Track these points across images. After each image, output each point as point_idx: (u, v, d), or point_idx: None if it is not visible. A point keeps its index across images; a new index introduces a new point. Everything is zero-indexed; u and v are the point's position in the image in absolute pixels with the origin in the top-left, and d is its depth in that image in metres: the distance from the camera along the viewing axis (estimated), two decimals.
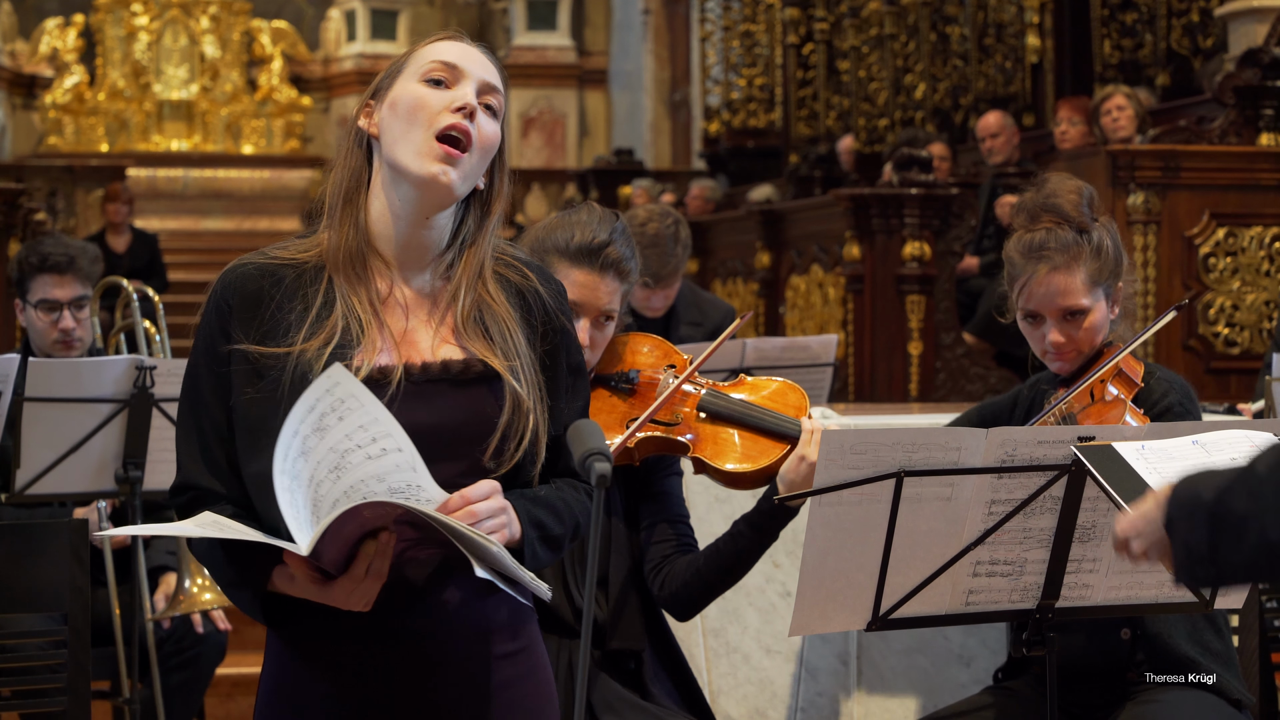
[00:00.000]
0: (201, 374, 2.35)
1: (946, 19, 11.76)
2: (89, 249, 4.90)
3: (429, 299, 2.39)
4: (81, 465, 4.31)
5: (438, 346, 2.35)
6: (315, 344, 2.29)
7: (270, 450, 2.18)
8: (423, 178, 2.32)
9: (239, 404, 2.30)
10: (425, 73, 2.37)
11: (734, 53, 14.85)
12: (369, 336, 2.32)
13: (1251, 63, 7.05)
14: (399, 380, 2.29)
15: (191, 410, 2.36)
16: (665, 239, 5.46)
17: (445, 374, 2.33)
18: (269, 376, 2.29)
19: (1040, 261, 3.28)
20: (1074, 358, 3.31)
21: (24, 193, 7.93)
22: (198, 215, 16.84)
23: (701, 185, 12.92)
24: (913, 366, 7.98)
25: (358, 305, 2.33)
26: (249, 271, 2.36)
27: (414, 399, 2.30)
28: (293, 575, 2.23)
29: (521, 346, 2.38)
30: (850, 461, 2.70)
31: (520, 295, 2.42)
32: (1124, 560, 2.26)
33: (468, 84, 2.36)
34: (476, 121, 2.35)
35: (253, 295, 2.34)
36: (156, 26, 17.66)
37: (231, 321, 2.33)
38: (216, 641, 4.79)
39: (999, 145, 9.00)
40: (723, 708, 4.10)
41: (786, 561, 4.11)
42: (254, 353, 2.30)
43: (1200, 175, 6.71)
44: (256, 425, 2.28)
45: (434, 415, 2.29)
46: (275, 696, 2.38)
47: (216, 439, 2.33)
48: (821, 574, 2.76)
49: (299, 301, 2.33)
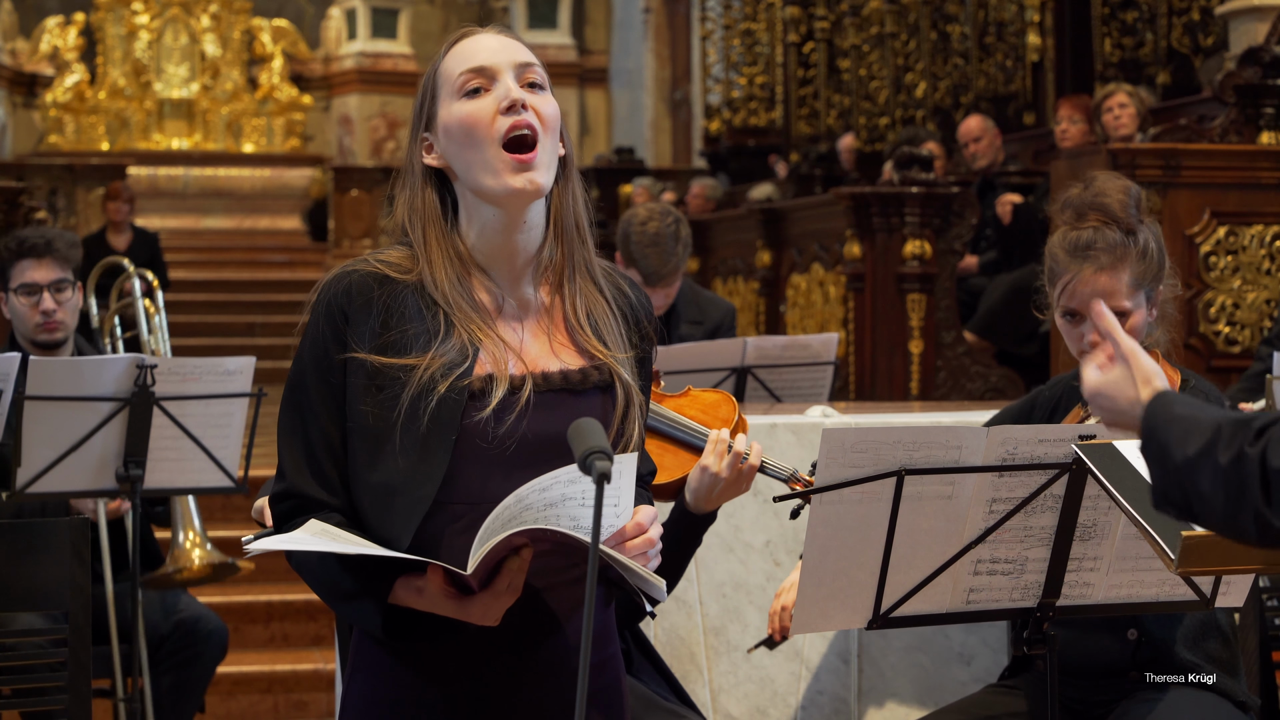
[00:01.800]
0: (310, 382, 2.31)
1: (947, 17, 11.76)
2: (66, 234, 4.90)
3: (537, 306, 2.37)
4: (82, 464, 4.31)
5: (554, 354, 2.34)
6: (440, 359, 2.26)
7: (390, 461, 2.20)
8: (509, 193, 2.29)
9: (359, 415, 2.27)
10: (460, 88, 2.33)
11: (735, 51, 14.84)
12: (490, 350, 2.29)
13: (1252, 61, 7.04)
14: (530, 392, 2.28)
15: (298, 418, 2.31)
16: (666, 237, 5.46)
17: (566, 384, 2.31)
18: (391, 389, 2.26)
19: (1086, 261, 3.24)
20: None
21: (25, 191, 7.92)
22: (198, 214, 16.84)
23: (702, 184, 12.92)
24: (913, 365, 7.98)
25: (474, 326, 2.30)
26: (363, 279, 2.31)
27: (538, 409, 2.28)
28: (420, 589, 2.20)
29: (627, 343, 2.38)
30: (851, 460, 2.70)
31: (619, 299, 2.42)
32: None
33: (505, 77, 2.33)
34: (532, 106, 2.31)
35: (367, 304, 2.29)
36: (157, 25, 17.66)
37: (348, 331, 2.29)
38: (218, 640, 4.80)
39: (982, 149, 8.98)
40: (723, 706, 4.10)
41: (787, 560, 4.11)
42: (375, 364, 2.27)
43: (1201, 174, 6.70)
44: (378, 437, 2.25)
45: (558, 425, 2.25)
46: (374, 714, 2.35)
47: (325, 448, 2.30)
48: (822, 572, 2.76)
49: (417, 316, 2.30)
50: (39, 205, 9.27)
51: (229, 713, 6.14)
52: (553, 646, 2.32)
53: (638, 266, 5.53)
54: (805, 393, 5.43)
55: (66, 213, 12.71)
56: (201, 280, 14.32)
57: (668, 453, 3.05)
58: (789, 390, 5.44)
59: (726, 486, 2.98)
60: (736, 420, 3.07)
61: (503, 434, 2.26)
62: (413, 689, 2.32)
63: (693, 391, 3.16)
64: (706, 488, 2.98)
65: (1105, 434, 2.67)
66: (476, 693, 2.31)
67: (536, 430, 2.24)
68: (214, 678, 4.92)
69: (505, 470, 2.27)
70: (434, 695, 2.31)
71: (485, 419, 2.25)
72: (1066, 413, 3.40)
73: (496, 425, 2.26)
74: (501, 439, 2.26)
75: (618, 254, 5.64)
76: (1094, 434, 2.69)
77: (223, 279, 14.96)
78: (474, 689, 2.30)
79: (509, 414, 2.26)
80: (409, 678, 2.32)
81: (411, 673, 2.32)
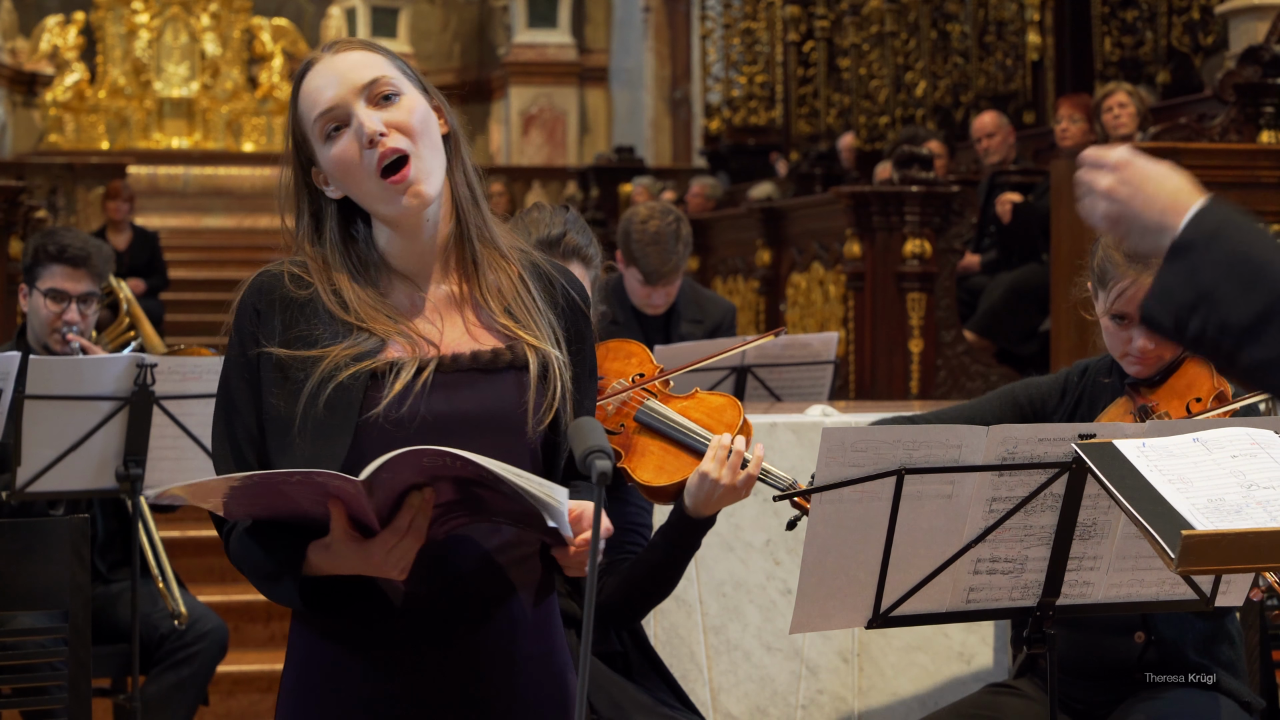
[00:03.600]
0: (232, 379, 2.37)
1: (947, 16, 11.76)
2: (105, 248, 4.90)
3: (451, 297, 2.40)
4: (82, 463, 4.31)
5: (466, 336, 2.37)
6: (343, 347, 2.30)
7: (299, 448, 2.25)
8: (399, 214, 2.34)
9: (270, 406, 2.32)
10: (321, 133, 2.36)
11: (734, 50, 14.84)
12: (398, 337, 2.33)
13: (1252, 60, 7.04)
14: (429, 374, 2.30)
15: (225, 414, 2.37)
16: (667, 236, 5.46)
17: (475, 363, 2.34)
18: (298, 378, 2.30)
19: (1147, 269, 3.27)
20: (1155, 364, 3.33)
21: (25, 190, 7.92)
22: (198, 213, 16.83)
23: (702, 183, 12.92)
24: (913, 364, 7.98)
25: (386, 327, 2.34)
26: (276, 277, 2.37)
27: (444, 390, 2.31)
28: (328, 544, 2.22)
29: (549, 323, 2.39)
30: (851, 459, 2.70)
31: (548, 291, 2.43)
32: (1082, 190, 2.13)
33: (356, 109, 2.34)
34: (390, 121, 2.33)
35: (280, 300, 2.35)
36: (157, 24, 17.66)
37: (260, 327, 2.34)
38: (217, 638, 4.80)
39: (995, 145, 8.99)
40: (723, 705, 4.10)
41: (787, 559, 4.11)
42: (282, 357, 2.32)
43: (1201, 173, 6.62)
44: (286, 425, 2.30)
45: (464, 405, 2.31)
46: (302, 690, 2.38)
47: (248, 442, 2.34)
48: (822, 571, 2.76)
49: (327, 316, 2.34)
50: (39, 204, 9.28)
51: (229, 711, 6.14)
52: (491, 632, 2.33)
53: (638, 265, 5.53)
54: (805, 392, 5.44)
55: (66, 212, 12.71)
56: (201, 279, 14.31)
57: (669, 455, 3.05)
58: (789, 389, 5.44)
59: (726, 492, 2.98)
60: (740, 426, 3.07)
61: (404, 416, 2.28)
62: (344, 675, 2.33)
63: (699, 394, 3.16)
64: (706, 493, 2.98)
65: (1105, 434, 2.67)
66: (410, 681, 2.32)
67: (440, 410, 2.27)
68: (214, 677, 4.91)
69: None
70: (371, 688, 2.32)
71: (386, 401, 2.28)
72: (1097, 408, 3.40)
73: (398, 408, 2.28)
74: (403, 421, 2.28)
75: (618, 252, 5.64)
76: (1094, 433, 2.69)
77: (223, 278, 14.91)
78: (409, 677, 2.32)
79: (410, 396, 2.29)
80: (329, 661, 2.34)
81: (332, 655, 2.34)
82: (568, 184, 16.02)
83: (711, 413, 3.11)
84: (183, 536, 6.38)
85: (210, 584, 6.36)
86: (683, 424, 3.07)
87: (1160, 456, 2.52)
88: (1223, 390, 3.27)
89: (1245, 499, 2.34)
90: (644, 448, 3.08)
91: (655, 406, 3.10)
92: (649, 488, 3.05)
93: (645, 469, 3.05)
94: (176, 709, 4.73)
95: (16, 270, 7.28)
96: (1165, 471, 2.48)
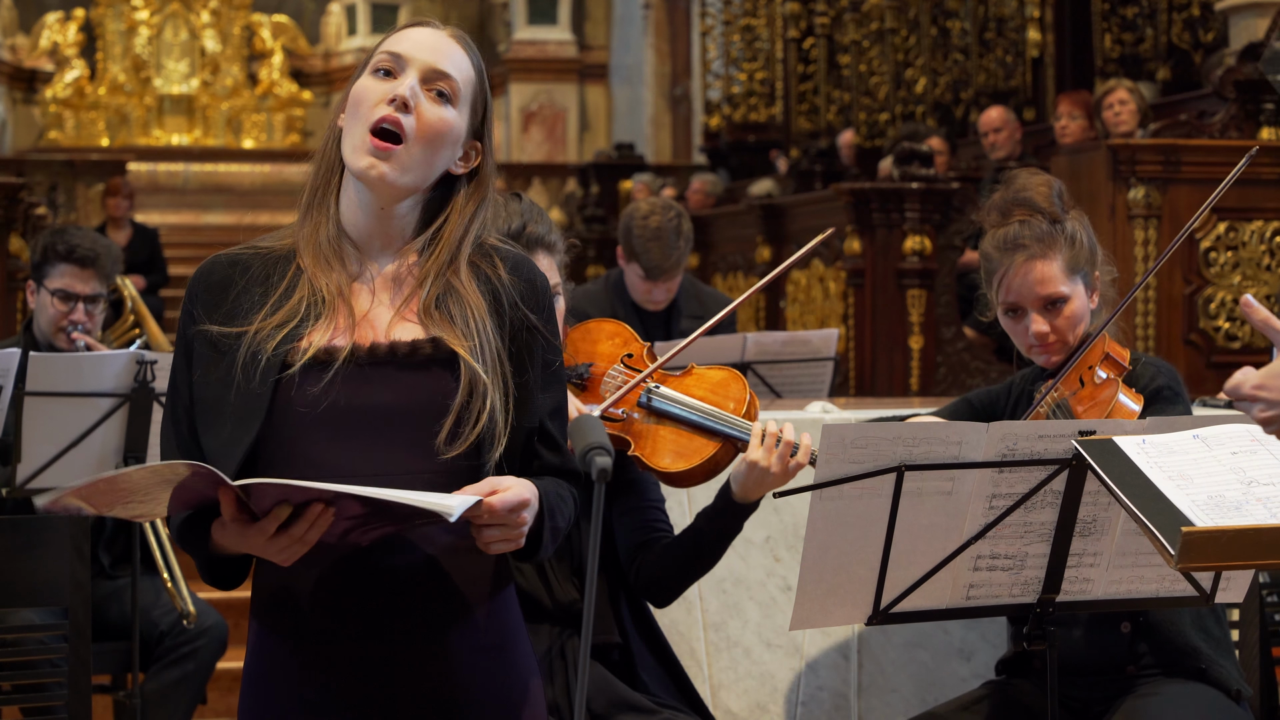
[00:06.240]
0: (177, 364, 2.40)
1: (947, 13, 11.75)
2: (113, 248, 4.91)
3: (395, 283, 2.40)
4: (82, 459, 4.31)
5: (393, 328, 2.36)
6: (271, 323, 2.32)
7: (222, 428, 2.28)
8: (357, 171, 2.36)
9: (200, 386, 2.35)
10: (374, 64, 2.40)
11: (734, 47, 14.83)
12: (326, 317, 2.34)
13: (1252, 57, 7.04)
14: (343, 361, 2.31)
15: (170, 399, 2.41)
16: (668, 232, 5.46)
17: (392, 356, 2.33)
18: (228, 357, 2.32)
19: (1016, 252, 3.30)
20: (1059, 348, 3.31)
21: (25, 187, 7.91)
22: (198, 210, 16.83)
23: (702, 179, 12.91)
24: (913, 361, 7.98)
25: (323, 288, 2.36)
26: (219, 262, 2.41)
27: (359, 381, 2.31)
28: (223, 523, 2.24)
29: (486, 332, 2.36)
30: (851, 456, 2.70)
31: (489, 284, 2.41)
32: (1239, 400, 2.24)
33: (410, 73, 2.37)
34: (417, 110, 2.35)
35: (218, 283, 2.38)
36: (157, 21, 17.66)
37: (196, 308, 2.37)
38: (217, 635, 4.80)
39: (1001, 140, 8.99)
40: (723, 702, 4.10)
41: (787, 556, 4.11)
42: (214, 333, 2.34)
43: (1201, 170, 6.70)
44: (211, 404, 2.32)
45: (378, 397, 2.31)
46: (255, 689, 2.40)
47: (187, 421, 2.37)
48: (822, 568, 2.76)
49: (262, 286, 2.37)
50: (39, 201, 9.27)
51: (229, 708, 6.14)
52: (435, 626, 2.33)
53: (639, 261, 5.53)
54: (805, 388, 5.43)
55: (66, 209, 12.69)
56: None
57: (683, 438, 3.04)
58: (789, 386, 5.44)
59: (775, 480, 3.00)
60: (748, 400, 3.07)
61: (316, 403, 2.29)
62: (285, 670, 2.36)
63: (697, 370, 3.14)
64: (755, 481, 3.00)
65: (1104, 430, 2.67)
66: (350, 675, 2.33)
67: (353, 401, 2.29)
68: (214, 673, 4.92)
69: (326, 441, 2.30)
70: (310, 683, 2.34)
71: (296, 388, 2.29)
72: (1020, 407, 3.41)
73: (309, 394, 2.29)
74: (316, 408, 2.29)
75: (619, 248, 5.64)
76: (1094, 429, 2.69)
77: None
78: (349, 671, 2.33)
79: (321, 384, 2.29)
80: (276, 659, 2.37)
81: (278, 654, 2.36)
82: (568, 181, 16.00)
83: (715, 388, 3.09)
84: None
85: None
86: (693, 404, 3.06)
87: (1160, 453, 2.52)
88: (1110, 353, 3.25)
89: (1245, 496, 2.34)
90: (655, 433, 3.07)
91: (662, 390, 3.09)
92: (670, 474, 3.04)
93: (661, 455, 3.04)
94: (176, 706, 4.73)
95: (16, 267, 7.28)
96: (1165, 468, 2.48)
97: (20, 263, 7.22)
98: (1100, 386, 3.18)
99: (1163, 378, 3.29)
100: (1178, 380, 3.32)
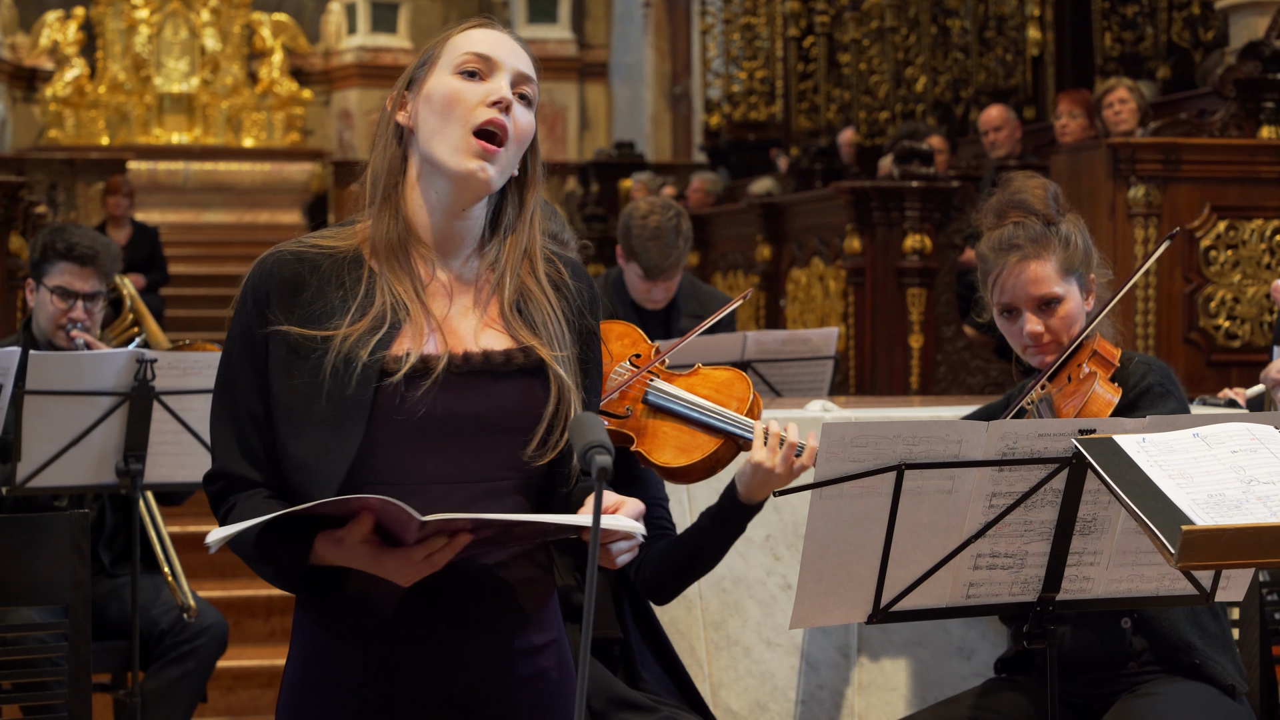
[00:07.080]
0: (236, 361, 2.36)
1: (947, 12, 11.76)
2: (113, 247, 4.90)
3: (471, 285, 2.39)
4: (82, 458, 4.31)
5: (480, 334, 2.36)
6: (359, 329, 2.29)
7: (315, 435, 2.23)
8: (461, 173, 2.33)
9: (281, 389, 2.30)
10: (459, 64, 2.37)
11: (734, 46, 14.84)
12: (414, 322, 2.32)
13: (1252, 55, 7.04)
14: (441, 370, 2.30)
15: (228, 398, 2.36)
16: (667, 231, 5.46)
17: (487, 365, 2.33)
18: (311, 360, 2.29)
19: (1011, 252, 3.32)
20: (1053, 349, 3.32)
21: (25, 186, 7.90)
22: (198, 208, 16.82)
23: (702, 178, 12.91)
24: (913, 359, 7.98)
25: (402, 292, 2.33)
26: (285, 258, 2.36)
27: (455, 389, 2.30)
28: (340, 539, 2.21)
29: (565, 339, 2.38)
30: (851, 454, 2.70)
31: (558, 289, 2.42)
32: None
33: (502, 75, 2.37)
34: (512, 114, 2.35)
35: (290, 280, 2.34)
36: (157, 19, 17.65)
37: (269, 307, 2.32)
38: (218, 633, 4.80)
39: (1001, 139, 9.00)
40: (723, 701, 4.10)
41: (787, 554, 4.11)
42: (295, 336, 2.30)
43: (1201, 168, 6.70)
44: (295, 409, 2.29)
45: (474, 406, 2.30)
46: (307, 693, 2.37)
47: (252, 426, 2.33)
48: (822, 567, 2.76)
49: (339, 288, 2.33)
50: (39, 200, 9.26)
51: (229, 707, 6.15)
52: (492, 627, 2.34)
53: (638, 260, 5.53)
54: (805, 387, 5.44)
55: (66, 207, 12.69)
56: (201, 275, 14.30)
57: (685, 434, 3.05)
58: (789, 384, 5.44)
59: (779, 480, 3.04)
60: (752, 400, 3.08)
61: (414, 412, 2.28)
62: (344, 670, 2.33)
63: (702, 370, 3.16)
64: (760, 481, 3.03)
65: (1104, 428, 2.67)
66: (409, 676, 2.32)
67: (449, 410, 2.27)
68: (214, 672, 4.92)
69: (421, 449, 2.29)
70: (370, 683, 2.32)
71: (398, 396, 2.27)
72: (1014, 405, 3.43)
73: (409, 403, 2.28)
74: (414, 417, 2.28)
75: (618, 247, 5.64)
76: (1094, 428, 2.69)
77: (223, 273, 14.91)
78: (408, 673, 2.32)
79: (420, 392, 2.28)
80: (330, 653, 2.34)
81: (331, 648, 2.33)
82: (568, 179, 16.01)
83: (720, 387, 3.11)
84: (183, 531, 6.38)
85: (210, 579, 6.37)
86: (695, 402, 3.07)
87: (1160, 452, 2.52)
88: (1099, 351, 3.26)
89: (1245, 494, 2.34)
90: (657, 429, 3.08)
91: (664, 387, 3.10)
92: (670, 469, 3.05)
93: (663, 451, 3.05)
94: (177, 704, 4.73)
95: (16, 265, 7.28)
96: (1165, 467, 2.48)
97: (20, 261, 7.21)
98: (1082, 381, 3.20)
99: (1153, 375, 3.30)
100: (1170, 378, 3.33)
